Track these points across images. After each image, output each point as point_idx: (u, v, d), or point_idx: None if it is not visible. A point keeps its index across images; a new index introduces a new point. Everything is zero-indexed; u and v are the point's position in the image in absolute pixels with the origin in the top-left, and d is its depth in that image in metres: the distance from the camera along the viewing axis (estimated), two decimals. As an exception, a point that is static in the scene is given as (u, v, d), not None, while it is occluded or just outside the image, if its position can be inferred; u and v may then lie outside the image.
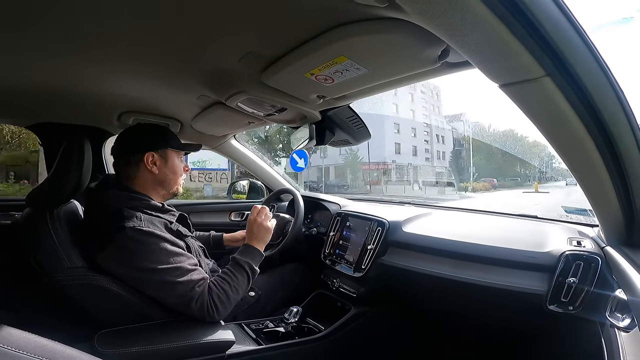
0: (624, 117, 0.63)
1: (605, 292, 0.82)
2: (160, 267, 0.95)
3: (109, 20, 0.74)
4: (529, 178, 19.70)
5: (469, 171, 22.98)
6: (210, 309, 0.99)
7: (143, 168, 1.08)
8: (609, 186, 0.73)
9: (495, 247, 1.06)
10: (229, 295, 1.03)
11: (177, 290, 0.96)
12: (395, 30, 0.66)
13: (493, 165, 24.74)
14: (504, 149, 27.74)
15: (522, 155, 22.42)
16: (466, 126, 29.22)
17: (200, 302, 0.98)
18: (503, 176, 21.10)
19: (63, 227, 0.99)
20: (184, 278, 0.97)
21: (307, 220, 1.74)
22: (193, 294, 0.97)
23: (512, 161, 21.29)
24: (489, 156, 26.13)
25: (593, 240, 0.97)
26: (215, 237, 1.49)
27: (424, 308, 1.34)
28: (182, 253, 1.01)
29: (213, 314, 0.99)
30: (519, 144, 23.05)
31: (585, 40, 0.53)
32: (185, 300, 0.97)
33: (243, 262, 1.11)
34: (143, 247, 0.95)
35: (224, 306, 1.02)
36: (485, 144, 27.16)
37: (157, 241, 0.97)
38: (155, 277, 0.96)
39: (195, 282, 0.98)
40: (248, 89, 1.06)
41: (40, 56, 0.92)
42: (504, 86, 0.63)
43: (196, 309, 0.98)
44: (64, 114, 1.43)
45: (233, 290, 1.05)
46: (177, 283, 0.96)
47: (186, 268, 0.99)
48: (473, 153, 26.33)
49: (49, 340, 0.47)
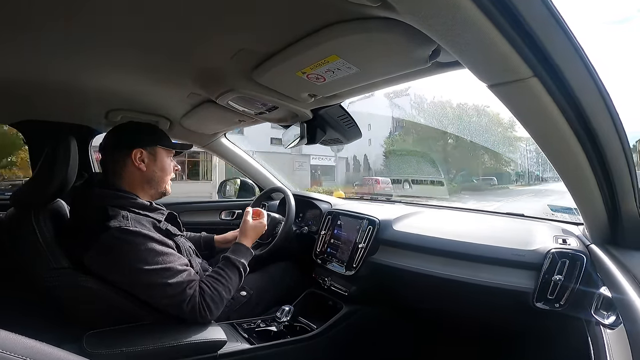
0: (609, 118, 0.64)
1: (590, 289, 0.84)
2: (148, 268, 0.93)
3: (96, 17, 0.73)
4: (512, 178, 12.74)
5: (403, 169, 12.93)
6: (202, 310, 0.98)
7: (131, 165, 1.06)
8: (594, 186, 0.75)
9: (483, 245, 1.07)
10: (222, 294, 1.03)
11: (167, 292, 0.95)
12: (387, 29, 0.66)
13: (457, 159, 15.11)
14: (473, 139, 17.81)
15: (495, 146, 14.71)
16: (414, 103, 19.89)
17: (192, 304, 0.96)
18: (470, 175, 13.25)
19: (48, 227, 0.97)
20: (174, 280, 0.95)
21: (298, 219, 1.74)
22: (184, 296, 0.96)
23: (488, 154, 13.71)
24: (443, 146, 16.27)
25: (578, 239, 0.99)
26: (207, 239, 1.48)
27: (415, 306, 1.35)
28: (172, 253, 1.00)
29: (205, 314, 0.98)
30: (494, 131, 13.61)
31: (573, 42, 0.54)
32: (176, 302, 0.96)
33: (235, 260, 1.11)
34: (129, 247, 0.93)
35: (217, 306, 1.01)
36: (437, 130, 17.53)
37: (144, 241, 0.95)
38: (143, 279, 0.94)
39: (185, 283, 0.97)
40: (239, 87, 1.06)
41: (25, 53, 0.90)
42: (492, 86, 0.64)
43: (188, 310, 0.96)
44: (50, 111, 1.40)
45: (225, 289, 1.04)
46: (167, 285, 0.94)
47: (176, 269, 0.97)
48: (416, 141, 18.27)
49: (36, 341, 0.46)
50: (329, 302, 1.43)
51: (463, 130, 18.47)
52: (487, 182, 11.91)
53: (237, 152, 1.93)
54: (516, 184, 12.32)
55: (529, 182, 11.59)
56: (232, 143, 1.89)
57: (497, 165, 13.98)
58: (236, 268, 1.10)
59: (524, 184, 11.91)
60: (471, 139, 18.64)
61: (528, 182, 11.70)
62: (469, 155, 15.03)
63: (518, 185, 12.15)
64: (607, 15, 39.29)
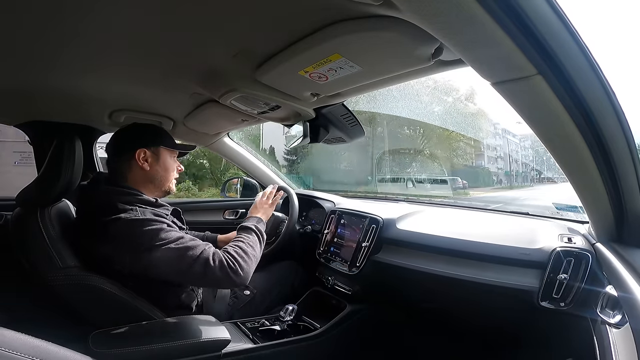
0: (614, 116, 0.64)
1: (596, 288, 0.83)
2: (162, 242, 0.94)
3: (99, 18, 0.73)
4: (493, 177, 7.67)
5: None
6: (232, 263, 0.96)
7: (135, 164, 1.08)
8: (599, 184, 0.74)
9: (487, 244, 1.07)
10: (246, 250, 1.02)
11: (187, 257, 0.94)
12: (389, 28, 0.66)
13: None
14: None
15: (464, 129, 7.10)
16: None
17: (219, 259, 0.95)
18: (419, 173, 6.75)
19: (54, 226, 0.98)
20: (189, 244, 0.96)
21: (302, 218, 1.74)
22: (206, 254, 0.95)
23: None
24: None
25: (584, 237, 0.98)
26: (210, 238, 1.49)
27: (418, 305, 1.35)
28: (181, 234, 1.01)
29: (237, 268, 0.96)
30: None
31: (577, 39, 0.54)
32: (201, 263, 0.94)
33: (250, 224, 1.14)
34: (141, 230, 0.95)
35: (245, 260, 0.99)
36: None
37: (154, 223, 0.97)
38: (159, 254, 0.94)
39: (202, 245, 0.97)
40: (242, 86, 1.06)
41: (30, 54, 0.90)
42: (496, 84, 0.63)
43: (217, 268, 0.94)
44: (54, 112, 1.41)
45: (248, 246, 1.04)
46: (185, 249, 0.94)
47: (189, 238, 0.99)
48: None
49: (42, 340, 0.47)
50: (332, 301, 1.44)
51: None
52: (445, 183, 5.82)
53: (240, 151, 1.93)
54: (494, 187, 7.96)
55: (513, 184, 7.75)
56: (235, 142, 1.90)
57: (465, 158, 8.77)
58: (252, 229, 1.12)
59: (505, 186, 7.86)
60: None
61: (511, 185, 7.76)
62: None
63: (496, 188, 7.83)
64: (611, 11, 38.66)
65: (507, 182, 8.13)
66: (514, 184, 7.93)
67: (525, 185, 7.67)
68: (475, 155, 8.85)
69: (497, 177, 8.51)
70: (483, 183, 8.30)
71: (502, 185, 8.19)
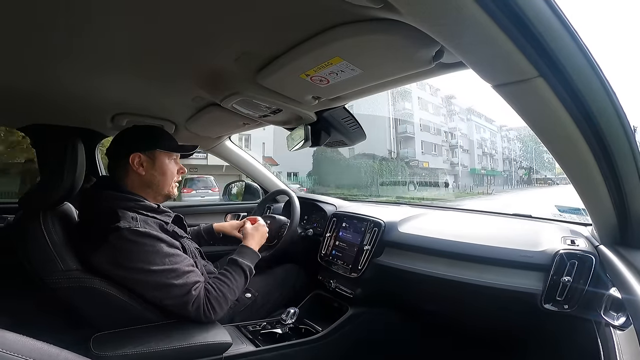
0: (616, 117, 0.64)
1: (600, 290, 0.83)
2: (156, 268, 0.95)
3: (102, 22, 0.74)
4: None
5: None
6: (207, 310, 0.99)
7: (130, 169, 1.07)
8: (602, 186, 0.74)
9: (490, 247, 1.06)
10: (227, 296, 1.03)
11: (173, 292, 0.96)
12: (390, 31, 0.66)
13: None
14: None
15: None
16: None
17: (197, 305, 0.98)
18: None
19: (57, 229, 0.98)
20: (180, 281, 0.97)
21: (303, 221, 1.74)
22: (189, 297, 0.97)
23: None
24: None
25: (587, 239, 0.98)
26: (206, 228, 1.48)
27: (421, 308, 1.35)
28: (178, 254, 1.01)
29: (210, 315, 0.99)
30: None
31: (578, 41, 0.54)
32: (181, 302, 0.97)
33: (242, 262, 1.12)
34: (138, 248, 0.95)
35: (221, 307, 1.02)
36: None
37: (153, 242, 0.97)
38: (150, 279, 0.95)
39: (191, 284, 0.98)
40: (243, 90, 1.06)
41: (32, 58, 0.91)
42: (497, 87, 0.63)
43: (193, 310, 0.97)
44: (56, 115, 1.42)
45: (230, 291, 1.05)
46: (173, 286, 0.96)
47: (182, 270, 0.98)
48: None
49: (44, 343, 0.47)
50: (334, 304, 1.43)
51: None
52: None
53: (241, 155, 1.93)
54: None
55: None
56: (236, 146, 1.90)
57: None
58: (242, 270, 1.10)
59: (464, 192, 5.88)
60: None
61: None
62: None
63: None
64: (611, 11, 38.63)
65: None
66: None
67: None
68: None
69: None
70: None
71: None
